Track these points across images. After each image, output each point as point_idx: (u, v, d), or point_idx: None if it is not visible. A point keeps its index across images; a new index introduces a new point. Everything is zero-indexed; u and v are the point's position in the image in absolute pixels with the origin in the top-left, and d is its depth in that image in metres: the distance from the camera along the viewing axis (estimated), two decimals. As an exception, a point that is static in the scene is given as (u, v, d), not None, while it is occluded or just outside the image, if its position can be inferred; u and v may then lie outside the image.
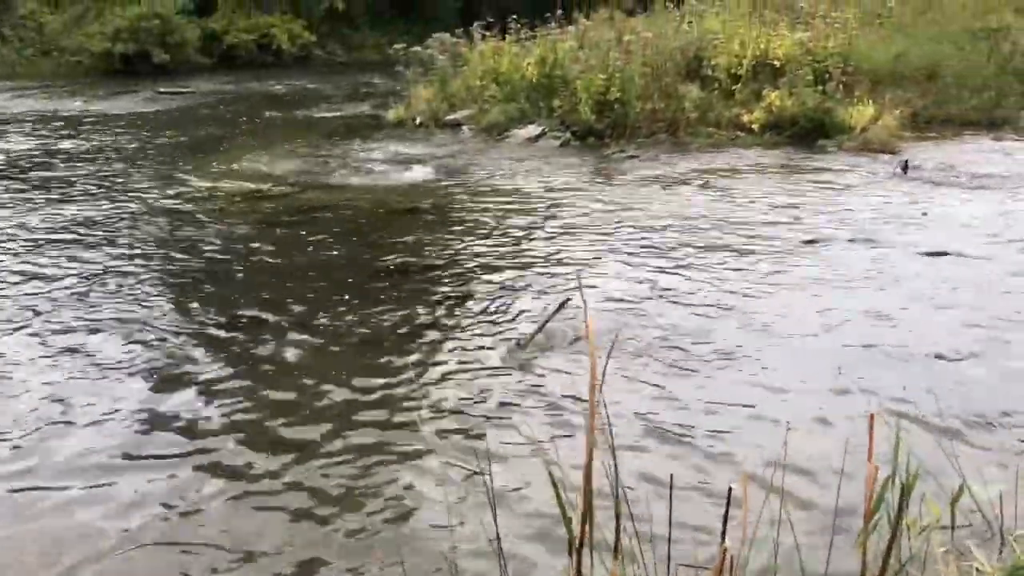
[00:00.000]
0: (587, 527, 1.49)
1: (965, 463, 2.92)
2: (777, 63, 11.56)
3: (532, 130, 11.62)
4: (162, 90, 20.54)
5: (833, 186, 8.35)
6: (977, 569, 2.38)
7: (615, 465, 1.83)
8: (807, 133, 10.75)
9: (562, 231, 6.93)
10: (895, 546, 1.93)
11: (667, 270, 5.80)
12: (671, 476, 2.06)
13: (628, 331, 4.64)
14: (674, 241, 6.50)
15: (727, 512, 1.78)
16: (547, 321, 3.32)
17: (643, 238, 6.62)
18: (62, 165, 10.48)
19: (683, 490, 3.11)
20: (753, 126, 11.10)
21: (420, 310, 5.18)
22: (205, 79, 23.86)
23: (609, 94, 11.04)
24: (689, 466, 3.36)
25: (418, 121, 13.35)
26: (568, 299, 4.80)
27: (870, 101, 10.97)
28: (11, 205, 8.19)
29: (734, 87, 11.67)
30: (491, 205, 7.99)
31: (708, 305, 5.12)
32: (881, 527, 1.95)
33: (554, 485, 1.55)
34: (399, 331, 4.85)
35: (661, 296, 5.28)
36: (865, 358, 4.34)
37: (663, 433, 3.63)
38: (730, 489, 1.92)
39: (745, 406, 3.84)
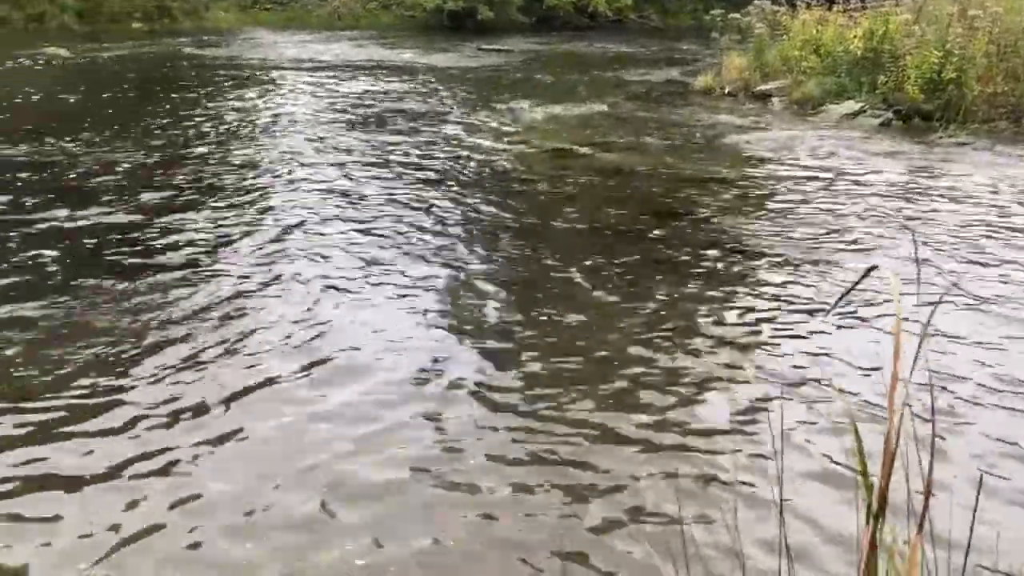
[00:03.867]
0: (886, 494, 1.36)
1: None
2: None
3: (850, 106, 10.91)
4: (483, 47, 21.67)
5: None
6: None
7: (933, 434, 1.67)
8: None
9: (869, 215, 6.44)
10: None
11: (979, 274, 5.23)
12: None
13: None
14: (999, 245, 5.80)
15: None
16: (853, 287, 3.18)
17: (960, 236, 5.99)
18: (389, 110, 11.40)
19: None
20: (1120, 119, 9.67)
21: (719, 274, 5.08)
22: (523, 39, 24.82)
23: (944, 73, 10.08)
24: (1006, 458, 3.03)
25: (727, 90, 13.05)
26: (875, 266, 4.48)
27: None
28: (343, 139, 9.07)
29: (1101, 73, 10.20)
30: (796, 179, 7.62)
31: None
32: None
33: (858, 440, 1.41)
34: (698, 296, 4.79)
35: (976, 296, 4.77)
36: None
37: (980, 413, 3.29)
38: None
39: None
